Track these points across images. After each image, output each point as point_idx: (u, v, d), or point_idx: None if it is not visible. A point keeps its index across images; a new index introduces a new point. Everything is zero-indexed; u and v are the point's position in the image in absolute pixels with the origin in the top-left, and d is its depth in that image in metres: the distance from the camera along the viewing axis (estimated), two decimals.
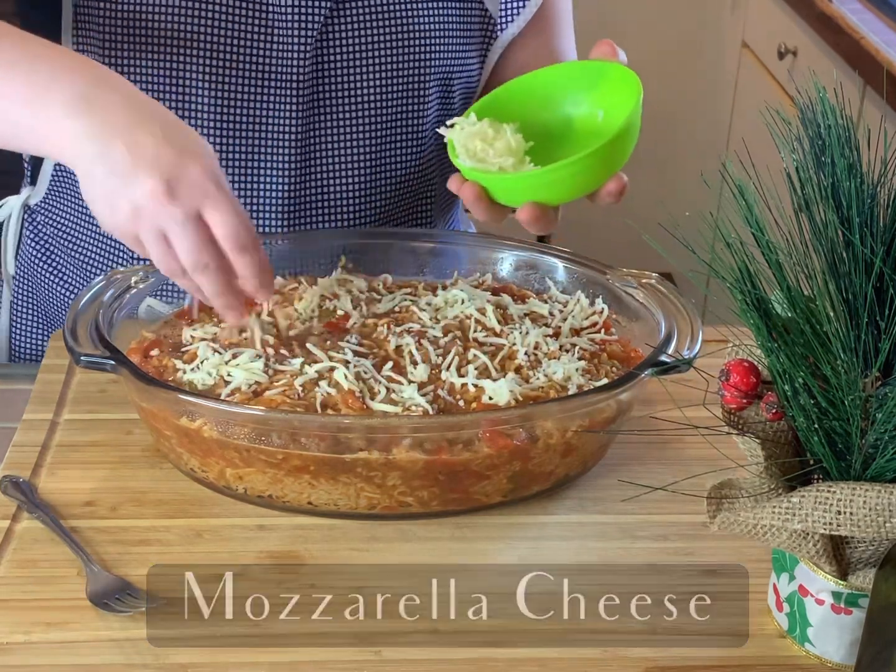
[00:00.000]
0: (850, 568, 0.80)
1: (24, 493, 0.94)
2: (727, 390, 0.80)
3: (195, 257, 0.90)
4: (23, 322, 1.31)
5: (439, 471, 0.91)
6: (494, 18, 1.22)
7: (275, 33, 1.12)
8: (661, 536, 0.94)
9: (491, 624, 0.85)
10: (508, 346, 1.02)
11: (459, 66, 1.22)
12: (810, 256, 0.78)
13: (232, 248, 0.91)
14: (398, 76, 1.18)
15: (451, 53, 1.20)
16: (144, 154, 0.88)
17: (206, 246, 0.90)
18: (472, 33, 1.22)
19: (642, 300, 1.07)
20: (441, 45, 1.19)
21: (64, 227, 1.25)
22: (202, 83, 1.12)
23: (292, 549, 0.92)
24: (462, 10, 1.20)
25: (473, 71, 1.23)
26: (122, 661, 0.81)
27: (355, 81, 1.17)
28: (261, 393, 0.94)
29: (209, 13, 1.10)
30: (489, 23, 1.22)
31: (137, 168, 0.88)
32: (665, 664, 0.83)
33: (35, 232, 1.28)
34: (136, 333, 1.04)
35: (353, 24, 1.15)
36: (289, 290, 1.10)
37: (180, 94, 1.13)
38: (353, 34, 1.15)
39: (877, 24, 2.09)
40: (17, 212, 1.28)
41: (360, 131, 1.19)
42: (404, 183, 1.24)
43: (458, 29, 1.20)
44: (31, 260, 1.28)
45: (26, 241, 1.29)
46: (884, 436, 0.74)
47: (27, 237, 1.29)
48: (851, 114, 0.79)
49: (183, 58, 1.11)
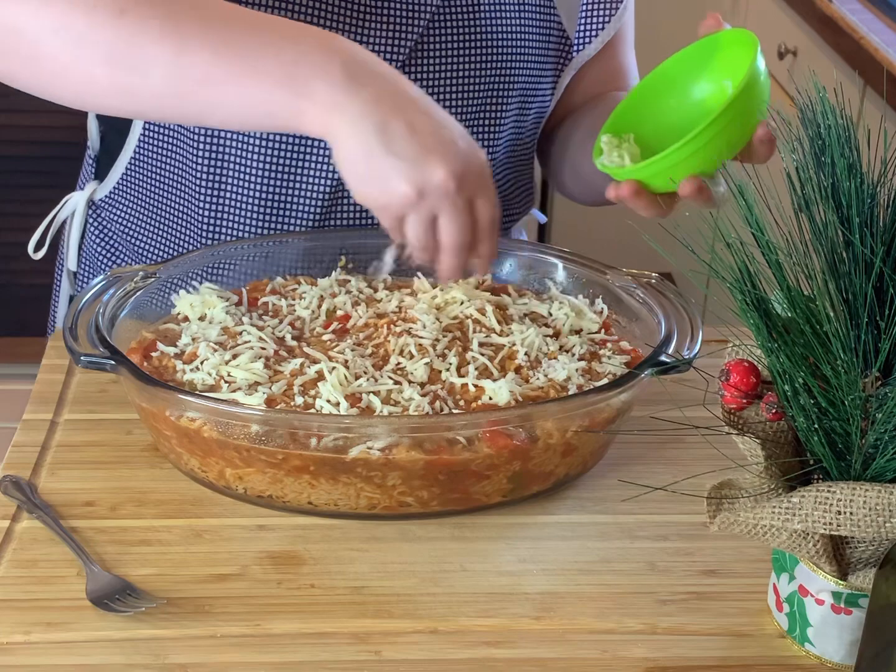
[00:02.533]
0: (850, 568, 0.80)
1: (24, 493, 0.94)
2: (727, 390, 0.80)
3: (463, 238, 0.95)
4: None
5: (439, 471, 0.91)
6: (571, 39, 1.22)
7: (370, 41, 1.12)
8: (661, 536, 0.94)
9: (491, 624, 0.85)
10: (508, 346, 1.02)
11: (535, 86, 1.22)
12: (810, 256, 0.78)
13: (488, 233, 0.97)
14: (479, 95, 1.19)
15: (531, 73, 1.21)
16: (425, 138, 0.91)
17: (471, 229, 0.95)
18: (549, 53, 1.22)
19: (642, 300, 1.07)
20: (523, 65, 1.19)
21: (130, 222, 1.25)
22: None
23: (292, 549, 0.92)
24: (542, 30, 1.20)
25: (547, 91, 1.24)
26: (122, 661, 0.81)
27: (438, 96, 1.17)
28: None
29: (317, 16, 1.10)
30: (565, 43, 1.23)
31: (429, 154, 0.91)
32: (665, 664, 0.83)
33: (100, 227, 1.28)
34: (136, 333, 1.04)
35: (443, 44, 1.15)
36: (289, 290, 1.10)
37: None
38: (441, 53, 1.16)
39: (877, 24, 2.09)
40: (81, 207, 1.28)
41: None
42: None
43: (538, 49, 1.21)
44: (94, 255, 1.28)
45: (90, 237, 1.28)
46: (884, 436, 0.74)
47: (91, 233, 1.28)
48: (851, 114, 0.79)
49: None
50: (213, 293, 1.07)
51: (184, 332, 1.03)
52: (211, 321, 1.05)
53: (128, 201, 1.25)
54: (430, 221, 0.95)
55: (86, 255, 1.30)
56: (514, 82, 1.20)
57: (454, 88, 1.18)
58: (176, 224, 1.22)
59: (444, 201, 0.93)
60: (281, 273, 1.13)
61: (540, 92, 1.23)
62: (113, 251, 1.27)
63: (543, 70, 1.22)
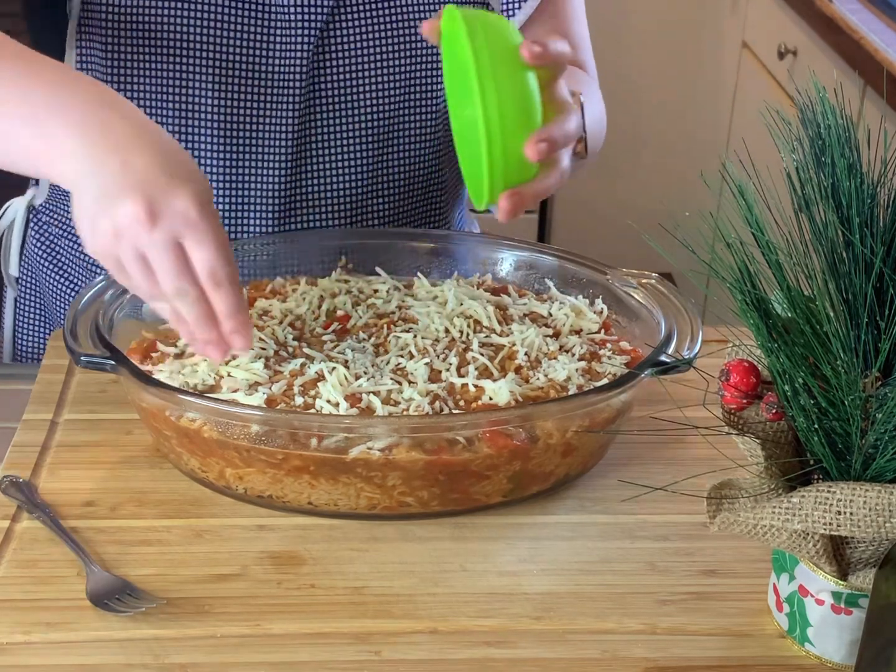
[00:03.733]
0: (850, 568, 0.80)
1: (24, 493, 0.94)
2: (727, 390, 0.80)
3: (174, 282, 0.86)
4: (27, 322, 1.31)
5: (439, 471, 0.91)
6: (495, 9, 1.21)
7: (276, 33, 1.13)
8: (661, 536, 0.94)
9: (491, 624, 0.85)
10: (508, 346, 1.02)
11: None
12: (810, 256, 0.78)
13: (208, 282, 0.87)
14: (402, 72, 1.18)
15: None
16: (134, 175, 0.85)
17: (186, 273, 0.86)
18: None
19: (642, 300, 1.07)
20: None
21: (69, 226, 1.25)
22: (204, 84, 1.13)
23: (292, 549, 0.92)
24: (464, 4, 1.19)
25: None
26: (122, 661, 0.81)
27: (357, 77, 1.17)
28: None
29: (210, 14, 1.11)
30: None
31: (124, 189, 0.84)
32: (665, 664, 0.83)
33: (40, 232, 1.28)
34: (136, 333, 1.04)
35: (355, 21, 1.15)
36: (289, 290, 1.10)
37: (182, 94, 1.13)
38: (354, 31, 1.15)
39: (877, 24, 2.09)
40: (21, 213, 1.29)
41: (361, 129, 1.19)
42: (413, 179, 1.24)
43: None
44: (35, 260, 1.28)
45: (31, 242, 1.29)
46: (884, 436, 0.74)
47: (32, 238, 1.29)
48: (851, 114, 0.79)
49: (185, 59, 1.11)
50: None
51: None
52: None
53: (66, 207, 1.24)
54: (143, 262, 0.86)
55: (27, 261, 1.30)
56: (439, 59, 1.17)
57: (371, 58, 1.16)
58: None
59: (141, 238, 0.85)
60: (281, 273, 1.13)
61: None
62: (55, 257, 1.27)
63: None
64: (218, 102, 1.14)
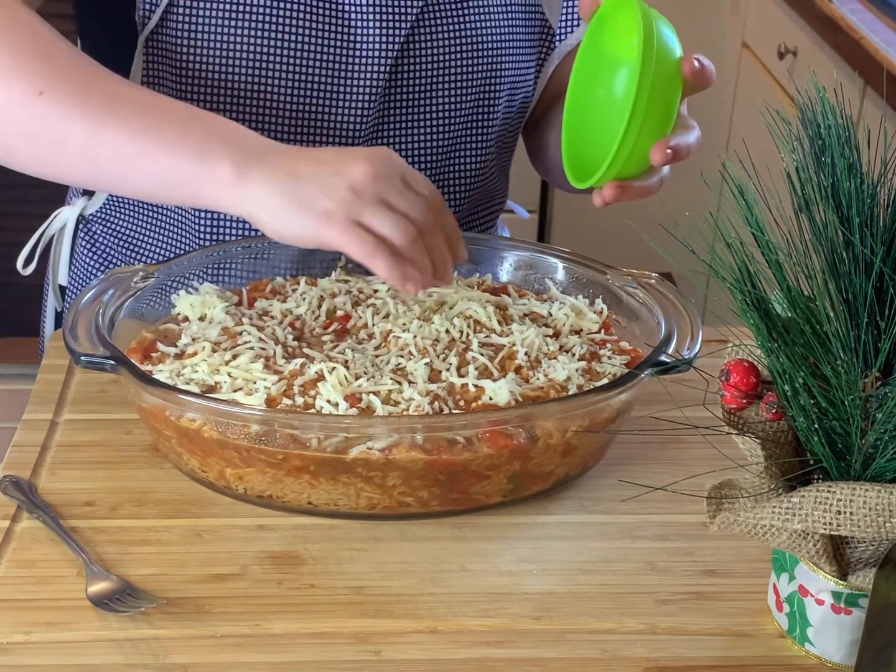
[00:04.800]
0: (850, 568, 0.80)
1: (24, 493, 0.94)
2: (727, 390, 0.80)
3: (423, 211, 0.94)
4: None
5: (439, 471, 0.91)
6: (553, 28, 1.23)
7: (357, 47, 1.13)
8: (661, 536, 0.94)
9: (491, 624, 0.85)
10: (508, 346, 1.02)
11: (521, 77, 1.23)
12: (810, 256, 0.78)
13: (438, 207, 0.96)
14: (471, 90, 1.20)
15: (518, 65, 1.22)
16: (330, 157, 0.94)
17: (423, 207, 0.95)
18: (533, 44, 1.23)
19: (642, 300, 1.07)
20: (510, 56, 1.20)
21: (123, 235, 1.25)
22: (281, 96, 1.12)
23: (292, 549, 0.92)
24: (527, 21, 1.21)
25: (531, 80, 1.24)
26: (122, 661, 0.81)
27: (430, 92, 1.18)
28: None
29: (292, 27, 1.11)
30: (548, 33, 1.23)
31: (342, 161, 0.93)
32: (665, 664, 0.83)
33: (91, 241, 1.28)
34: (136, 333, 1.04)
35: (431, 39, 1.16)
36: (289, 290, 1.10)
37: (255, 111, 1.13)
38: (429, 48, 1.16)
39: (877, 24, 2.09)
40: (71, 223, 1.28)
41: (429, 139, 1.20)
42: (469, 189, 1.25)
43: (523, 40, 1.21)
44: (86, 269, 1.28)
45: (81, 252, 1.29)
46: (884, 436, 0.74)
47: (82, 247, 1.29)
48: (851, 114, 0.79)
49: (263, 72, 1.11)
50: (213, 293, 1.07)
51: (184, 333, 1.03)
52: (211, 321, 1.05)
53: (123, 214, 1.24)
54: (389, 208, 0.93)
55: (77, 269, 1.30)
56: (503, 74, 1.20)
57: (446, 85, 1.18)
58: (173, 233, 1.21)
59: (380, 185, 0.93)
60: (281, 273, 1.13)
61: (525, 82, 1.24)
62: (106, 264, 1.27)
63: (529, 61, 1.23)
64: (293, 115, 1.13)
